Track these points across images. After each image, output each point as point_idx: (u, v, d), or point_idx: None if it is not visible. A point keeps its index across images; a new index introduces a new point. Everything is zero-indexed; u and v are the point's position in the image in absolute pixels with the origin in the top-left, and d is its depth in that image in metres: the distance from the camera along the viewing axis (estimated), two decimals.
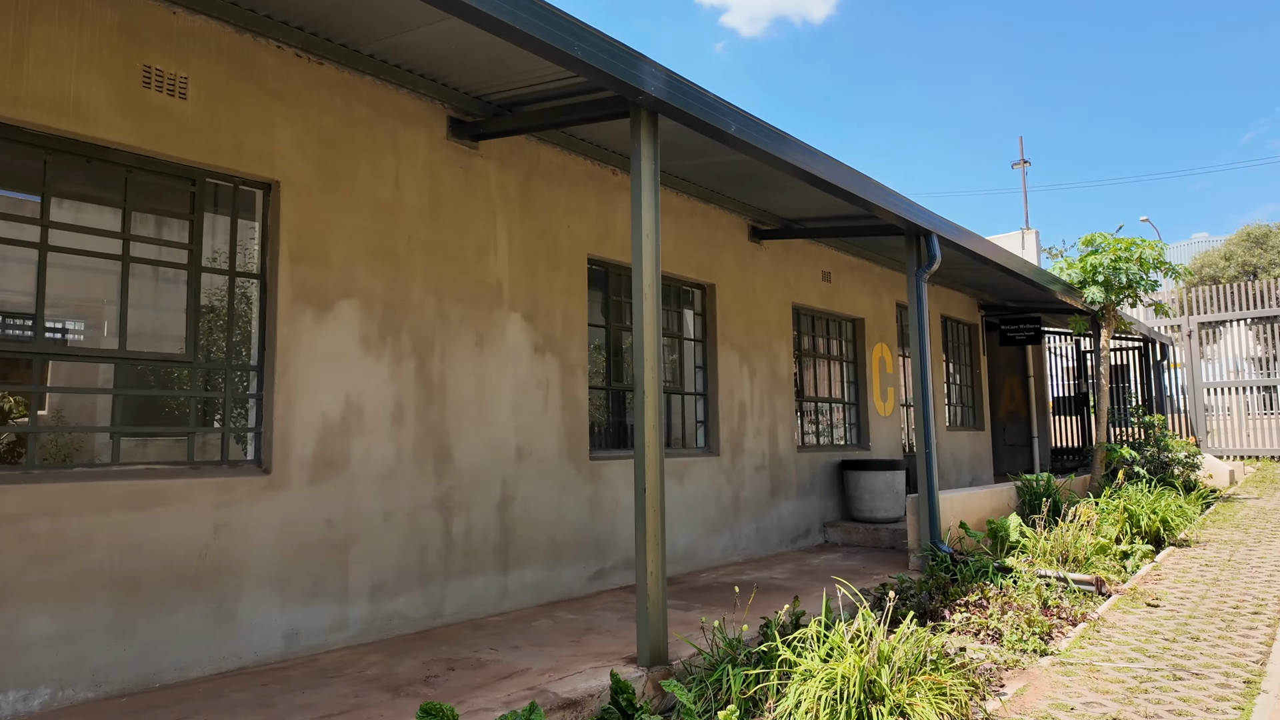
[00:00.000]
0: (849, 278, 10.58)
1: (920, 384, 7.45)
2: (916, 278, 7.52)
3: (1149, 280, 10.96)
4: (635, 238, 4.61)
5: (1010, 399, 19.61)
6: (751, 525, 8.39)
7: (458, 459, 5.65)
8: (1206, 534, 9.03)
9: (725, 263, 8.44)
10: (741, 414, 8.46)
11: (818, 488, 9.54)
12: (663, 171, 7.41)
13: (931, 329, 12.54)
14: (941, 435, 12.49)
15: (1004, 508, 8.79)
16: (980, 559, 6.70)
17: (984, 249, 8.53)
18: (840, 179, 6.36)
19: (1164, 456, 12.24)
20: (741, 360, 8.55)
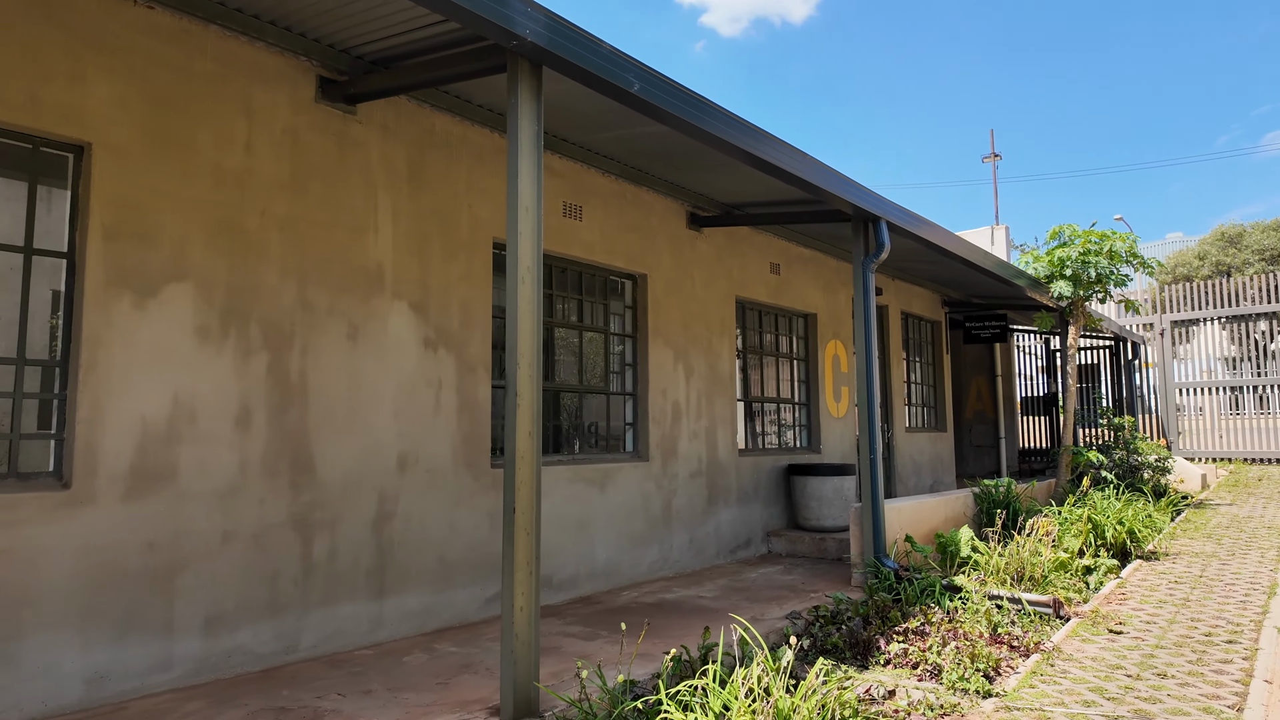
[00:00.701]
0: (800, 271, 9.94)
1: (865, 382, 6.81)
2: (863, 267, 6.88)
3: (1119, 275, 10.42)
4: (511, 211, 3.91)
5: (977, 399, 19.14)
6: (685, 536, 7.71)
7: (322, 469, 4.91)
8: (1177, 545, 8.47)
9: (659, 251, 7.75)
10: (675, 416, 7.78)
11: (761, 494, 8.89)
12: (583, 148, 6.71)
13: (891, 326, 11.94)
14: (900, 437, 11.89)
15: (959, 517, 8.18)
16: (927, 577, 6.07)
17: (939, 238, 7.91)
18: (777, 156, 5.70)
19: (1133, 460, 11.72)
20: (677, 358, 7.87)
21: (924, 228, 7.57)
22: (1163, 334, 18.70)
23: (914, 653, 4.73)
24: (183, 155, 4.44)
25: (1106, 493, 9.71)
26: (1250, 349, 18.15)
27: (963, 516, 8.25)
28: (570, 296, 7.04)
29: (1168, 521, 9.70)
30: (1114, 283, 10.35)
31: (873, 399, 6.78)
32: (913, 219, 7.35)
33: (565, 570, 6.42)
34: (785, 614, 5.78)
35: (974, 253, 8.85)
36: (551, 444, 6.79)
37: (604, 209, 7.14)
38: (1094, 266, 10.18)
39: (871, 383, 6.79)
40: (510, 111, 3.89)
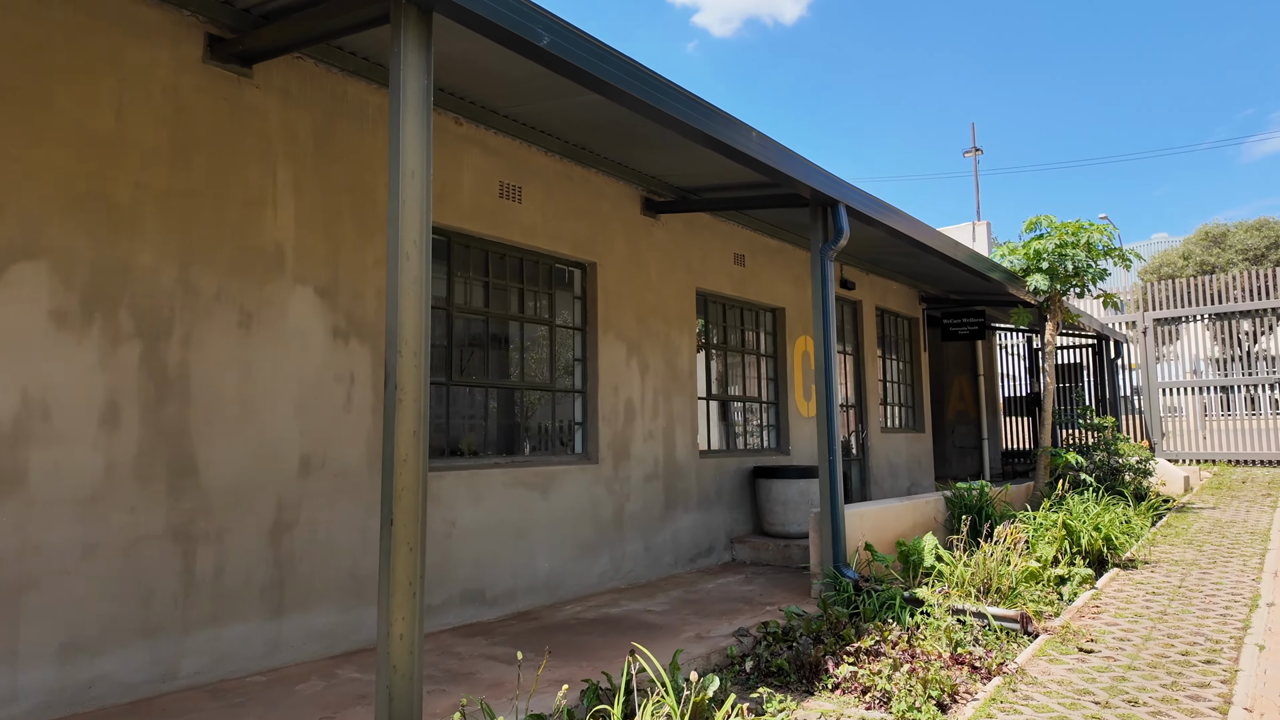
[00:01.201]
0: (767, 262, 9.49)
1: (823, 379, 6.36)
2: (822, 255, 6.44)
3: (1097, 269, 10.03)
4: (394, 177, 3.42)
5: (959, 399, 18.80)
6: (639, 544, 7.24)
7: (206, 473, 4.41)
8: (1157, 552, 8.08)
9: (611, 238, 7.28)
10: (629, 414, 7.31)
11: (724, 498, 8.43)
12: (519, 122, 6.23)
13: (865, 322, 11.52)
14: (875, 438, 11.47)
15: (929, 523, 7.75)
16: (888, 589, 5.62)
17: (905, 225, 7.48)
18: (722, 131, 5.24)
19: (1114, 462, 11.35)
20: (630, 352, 7.40)
21: (888, 214, 7.14)
22: (1146, 332, 18.40)
23: (864, 676, 4.28)
24: (35, 116, 3.93)
25: (1085, 496, 9.32)
26: (1235, 349, 17.87)
27: (933, 522, 7.82)
28: (510, 285, 6.56)
29: (1148, 526, 9.32)
30: (1092, 277, 9.97)
31: (831, 396, 6.33)
32: (875, 204, 6.91)
33: (501, 583, 5.94)
34: (735, 630, 5.32)
35: (944, 243, 8.43)
36: (490, 445, 6.31)
37: (547, 191, 6.66)
38: (1071, 259, 9.79)
39: (830, 379, 6.34)
40: (393, 63, 3.41)
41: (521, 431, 6.63)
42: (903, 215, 7.41)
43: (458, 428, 6.12)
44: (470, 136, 6.04)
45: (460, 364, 6.12)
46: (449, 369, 5.92)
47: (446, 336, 5.94)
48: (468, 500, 5.75)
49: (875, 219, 6.92)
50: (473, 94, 5.67)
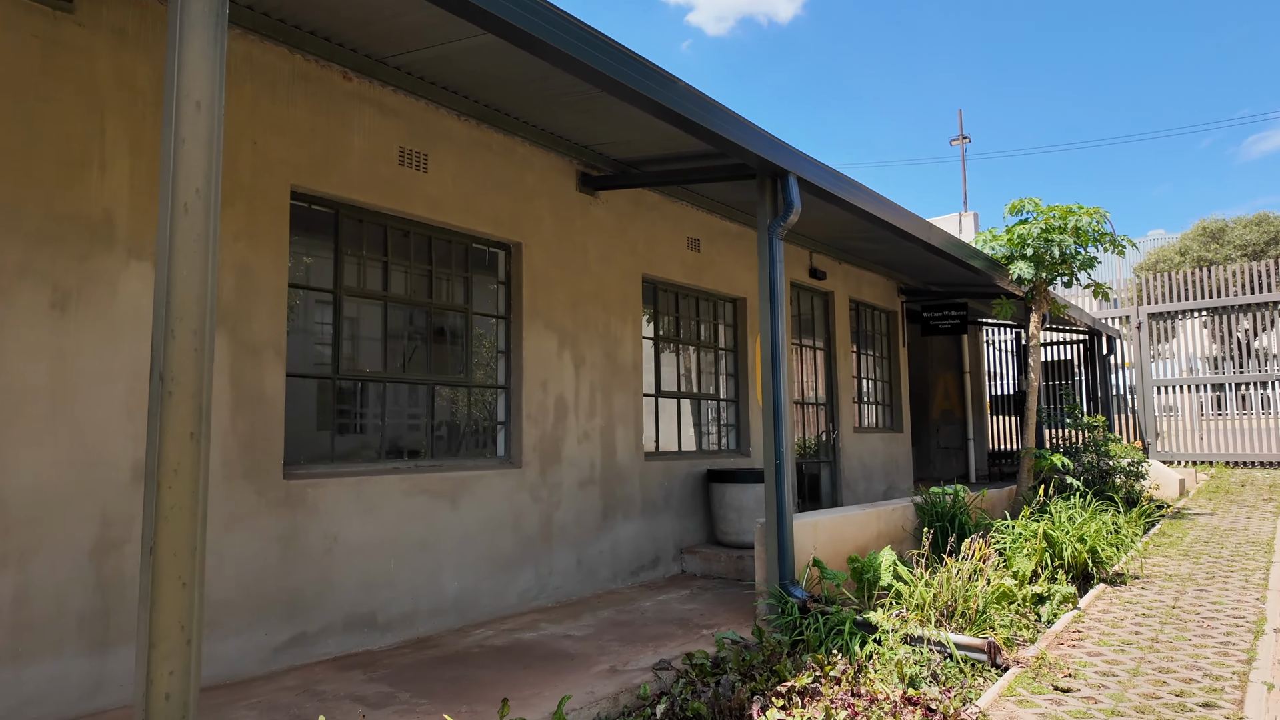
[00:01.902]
0: (726, 248, 8.81)
1: (770, 373, 5.68)
2: (769, 233, 5.75)
3: (1086, 256, 9.36)
4: (169, 109, 2.71)
5: (944, 397, 18.20)
6: (570, 557, 6.55)
7: (3, 483, 3.69)
8: (1149, 565, 7.41)
9: (539, 216, 6.58)
10: (560, 413, 6.61)
11: (674, 504, 7.74)
12: (420, 79, 5.53)
13: (837, 314, 10.84)
14: (847, 439, 10.79)
15: (895, 533, 7.07)
16: (838, 612, 4.94)
17: (869, 203, 6.79)
18: (636, 79, 4.54)
19: (1104, 464, 10.70)
20: (563, 344, 6.70)
21: (848, 189, 6.45)
22: (1140, 328, 17.77)
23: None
24: None
25: (1072, 502, 8.66)
26: (1233, 346, 17.26)
27: (900, 532, 7.14)
28: (416, 267, 5.86)
29: (1139, 535, 8.65)
30: (1080, 264, 9.31)
31: (778, 391, 5.64)
32: (832, 177, 6.22)
33: (396, 606, 5.23)
34: (657, 662, 4.63)
35: (916, 225, 7.75)
36: (387, 448, 5.61)
37: (460, 159, 5.96)
38: (1057, 245, 9.12)
39: (778, 371, 5.65)
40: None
41: (428, 433, 5.92)
42: (866, 191, 6.73)
43: (347, 429, 5.41)
44: (362, 94, 5.33)
45: (353, 355, 5.41)
46: (336, 360, 5.21)
47: (333, 324, 5.23)
48: (355, 511, 5.04)
49: (833, 194, 6.23)
50: (354, 40, 4.97)
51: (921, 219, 7.88)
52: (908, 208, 7.70)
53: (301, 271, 5.32)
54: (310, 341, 5.22)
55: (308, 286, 5.23)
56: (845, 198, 6.40)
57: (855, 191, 6.57)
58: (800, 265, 10.10)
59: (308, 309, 5.22)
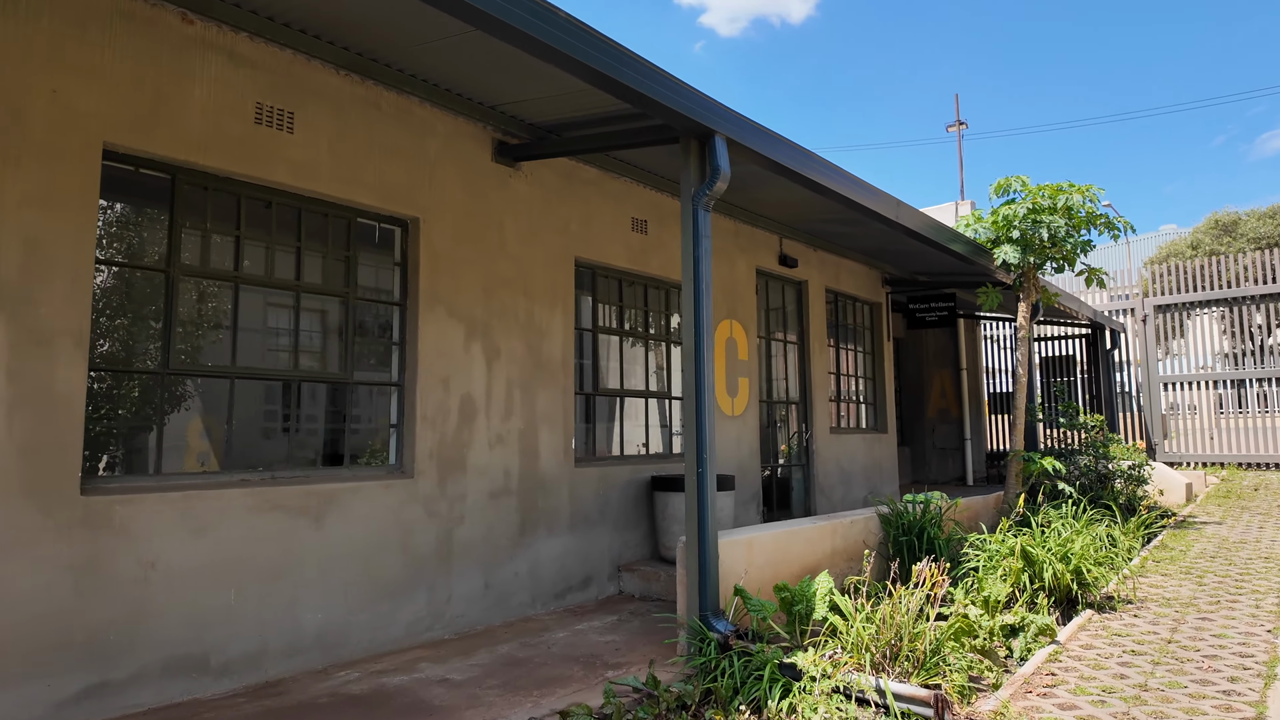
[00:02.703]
0: (679, 231, 7.99)
1: (693, 362, 4.87)
2: (694, 202, 4.93)
3: (1079, 239, 8.51)
4: None
5: (941, 396, 17.38)
6: (475, 580, 5.74)
7: None
8: (1145, 585, 6.56)
9: (443, 188, 5.79)
10: (467, 414, 5.81)
11: (612, 516, 6.93)
12: (280, 23, 4.73)
13: (811, 306, 10.00)
14: (822, 440, 9.96)
15: (855, 549, 6.24)
16: (761, 652, 4.13)
17: (817, 172, 5.96)
18: (526, 22, 3.73)
19: (1103, 467, 9.84)
20: (472, 335, 5.90)
21: (788, 153, 5.62)
22: (1145, 321, 16.85)
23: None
24: None
25: (1064, 510, 7.83)
26: (1247, 340, 16.32)
27: (860, 548, 6.31)
28: (280, 243, 5.06)
29: (1137, 548, 7.80)
30: (1072, 248, 8.45)
31: (702, 386, 4.83)
32: (769, 139, 5.40)
33: (237, 644, 4.44)
34: (541, 716, 3.84)
35: (882, 203, 6.92)
36: (234, 456, 4.82)
37: (339, 121, 5.17)
38: (1046, 227, 8.26)
39: (701, 362, 4.84)
40: None
41: (290, 438, 5.13)
42: (813, 159, 5.90)
43: (180, 433, 4.62)
44: (207, 39, 4.54)
45: (192, 346, 4.62)
46: (166, 352, 4.42)
47: (164, 309, 4.44)
48: (182, 532, 4.25)
49: (771, 159, 5.41)
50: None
51: (888, 196, 7.05)
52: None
53: (124, 246, 4.53)
54: (140, 330, 4.43)
55: (131, 264, 4.44)
56: (788, 164, 5.58)
57: (800, 158, 5.75)
58: (769, 251, 9.28)
59: (135, 291, 4.44)
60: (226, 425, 4.77)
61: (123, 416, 4.41)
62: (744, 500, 8.52)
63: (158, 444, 4.43)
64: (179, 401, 4.66)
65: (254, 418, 5.05)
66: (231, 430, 4.79)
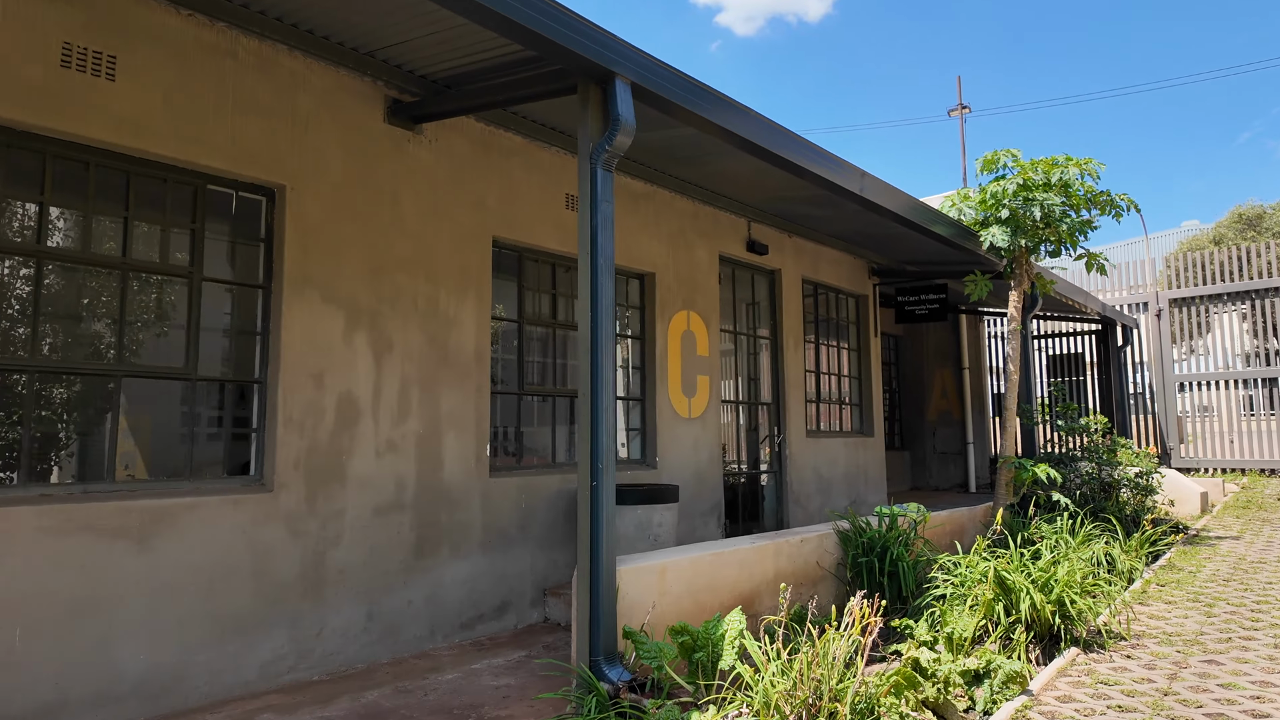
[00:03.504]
0: (626, 211, 7.22)
1: (588, 359, 4.10)
2: (591, 161, 4.16)
3: (1077, 219, 7.68)
4: None
5: (942, 396, 16.57)
6: (356, 610, 4.99)
7: None
8: (1144, 616, 5.73)
9: (319, 153, 5.04)
10: (347, 416, 5.06)
11: (536, 532, 6.16)
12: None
13: (785, 297, 9.21)
14: (796, 445, 9.15)
15: (805, 573, 5.44)
16: (653, 711, 3.35)
17: (753, 129, 5.18)
18: None
19: (1107, 475, 8.99)
20: (354, 324, 5.15)
21: (711, 103, 4.83)
22: (1160, 315, 15.92)
23: None
24: None
25: (1059, 524, 7.02)
26: (1271, 336, 15.36)
27: (812, 572, 5.51)
28: (101, 212, 4.32)
29: (1140, 569, 6.95)
30: (1070, 229, 7.62)
31: (598, 385, 4.06)
32: (684, 85, 4.61)
33: (21, 697, 3.69)
34: None
35: (845, 175, 6.12)
36: (33, 466, 4.08)
37: (179, 69, 4.42)
38: (1040, 205, 7.43)
39: (598, 354, 4.07)
40: None
41: (110, 445, 4.38)
42: (750, 114, 5.11)
43: None
44: None
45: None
46: None
47: None
48: None
49: (691, 110, 4.63)
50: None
51: (852, 166, 6.26)
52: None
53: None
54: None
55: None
56: (715, 119, 4.80)
57: (731, 112, 4.96)
58: (735, 236, 8.49)
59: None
60: (16, 429, 4.03)
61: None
62: (701, 512, 7.74)
63: None
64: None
65: (65, 421, 4.31)
66: (29, 435, 4.05)
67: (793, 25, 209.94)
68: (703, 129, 4.96)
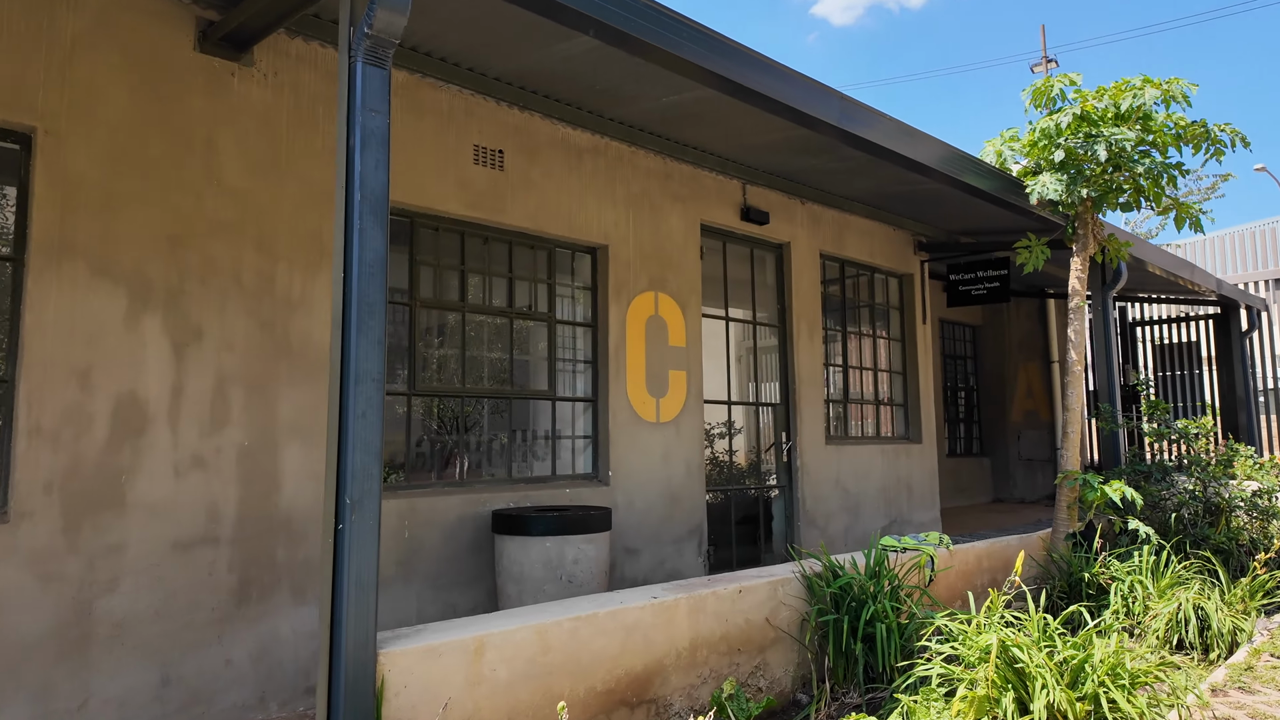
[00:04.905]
0: (565, 168, 5.95)
1: (341, 337, 2.85)
2: (350, 55, 2.93)
3: (1159, 161, 5.93)
4: None
5: (1027, 395, 14.68)
6: (142, 674, 3.88)
7: None
8: (1241, 718, 4.04)
9: (92, 88, 3.98)
10: (128, 424, 3.97)
11: (425, 569, 4.96)
12: None
13: (794, 276, 7.72)
14: (811, 454, 7.64)
15: (748, 637, 4.00)
16: None
17: (651, 30, 3.81)
18: None
19: (1214, 493, 7.11)
20: (141, 305, 4.06)
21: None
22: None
23: None
24: None
25: (1138, 561, 5.38)
26: None
27: (756, 635, 4.07)
28: None
29: (1249, 630, 5.17)
30: (1148, 174, 5.87)
31: (348, 380, 2.81)
32: None
33: None
34: None
35: (815, 99, 4.67)
36: None
37: None
38: (1105, 142, 5.74)
39: (350, 327, 2.83)
40: None
41: None
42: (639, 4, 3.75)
43: None
44: None
45: None
46: None
47: None
48: None
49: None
50: None
51: (826, 88, 4.79)
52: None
53: None
54: None
55: None
56: (576, 5, 3.46)
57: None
58: (723, 202, 7.09)
59: None
60: None
61: None
62: (674, 540, 6.38)
63: None
64: None
65: None
66: None
67: (894, 12, 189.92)
68: (600, 35, 3.64)
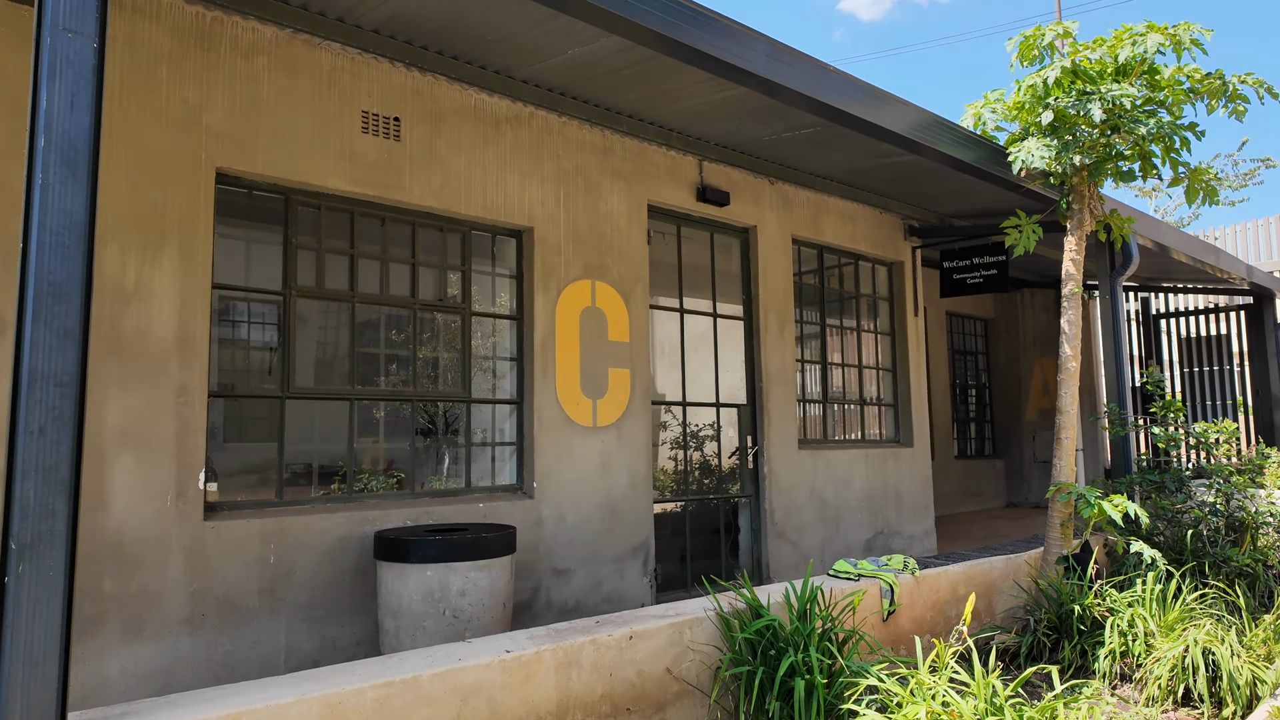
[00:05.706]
0: (484, 138, 5.26)
1: (15, 341, 2.16)
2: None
3: (1167, 120, 5.09)
4: None
5: (1043, 392, 13.87)
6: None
7: None
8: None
9: None
10: None
11: (295, 600, 4.30)
12: None
13: (763, 264, 6.97)
14: (780, 460, 6.87)
15: (634, 695, 3.26)
16: None
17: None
18: None
19: (1236, 508, 6.25)
20: None
21: None
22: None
23: None
24: None
25: (1141, 590, 4.61)
26: None
27: (654, 690, 3.33)
28: None
29: (1271, 680, 4.31)
30: (1152, 135, 5.04)
31: (19, 393, 2.14)
32: None
33: None
34: None
35: (734, 45, 3.93)
36: None
37: None
38: (1100, 99, 4.92)
39: (22, 341, 2.15)
40: None
41: None
42: None
43: None
44: None
45: None
46: None
47: None
48: None
49: None
50: None
51: (750, 30, 4.05)
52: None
53: None
54: None
55: None
56: None
57: None
58: (676, 180, 6.36)
59: None
60: None
61: None
62: (613, 559, 5.67)
63: None
64: None
65: None
66: None
67: (922, 6, 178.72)
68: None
